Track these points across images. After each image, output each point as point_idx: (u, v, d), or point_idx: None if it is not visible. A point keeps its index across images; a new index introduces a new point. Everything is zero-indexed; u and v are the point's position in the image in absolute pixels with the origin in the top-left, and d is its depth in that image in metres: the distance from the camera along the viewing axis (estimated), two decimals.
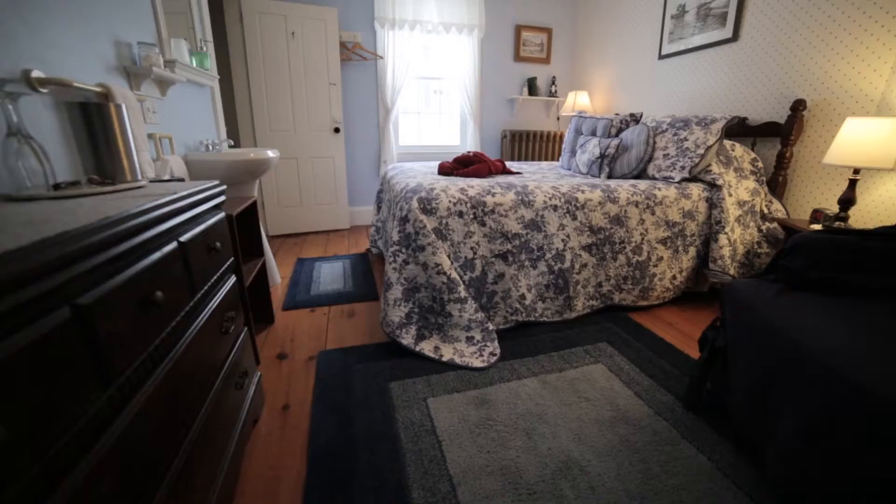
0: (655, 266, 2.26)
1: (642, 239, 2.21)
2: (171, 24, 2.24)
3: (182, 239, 0.98)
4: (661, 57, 3.49)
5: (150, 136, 1.82)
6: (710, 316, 2.30)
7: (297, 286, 2.69)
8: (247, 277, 1.83)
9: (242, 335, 1.39)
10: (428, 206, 1.84)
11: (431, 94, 4.55)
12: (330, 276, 2.88)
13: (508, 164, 3.37)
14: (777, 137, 2.54)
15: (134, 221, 0.80)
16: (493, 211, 1.92)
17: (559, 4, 4.54)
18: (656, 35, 3.53)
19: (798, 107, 2.36)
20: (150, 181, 1.41)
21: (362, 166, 4.37)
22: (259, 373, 1.54)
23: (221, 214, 1.29)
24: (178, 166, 1.93)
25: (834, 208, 2.16)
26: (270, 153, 2.45)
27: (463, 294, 1.84)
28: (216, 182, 1.27)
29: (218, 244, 1.19)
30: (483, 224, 1.91)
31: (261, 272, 2.10)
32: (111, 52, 1.60)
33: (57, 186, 1.05)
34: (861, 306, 1.21)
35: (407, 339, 1.84)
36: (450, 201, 1.87)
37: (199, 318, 1.05)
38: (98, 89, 1.39)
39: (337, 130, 3.97)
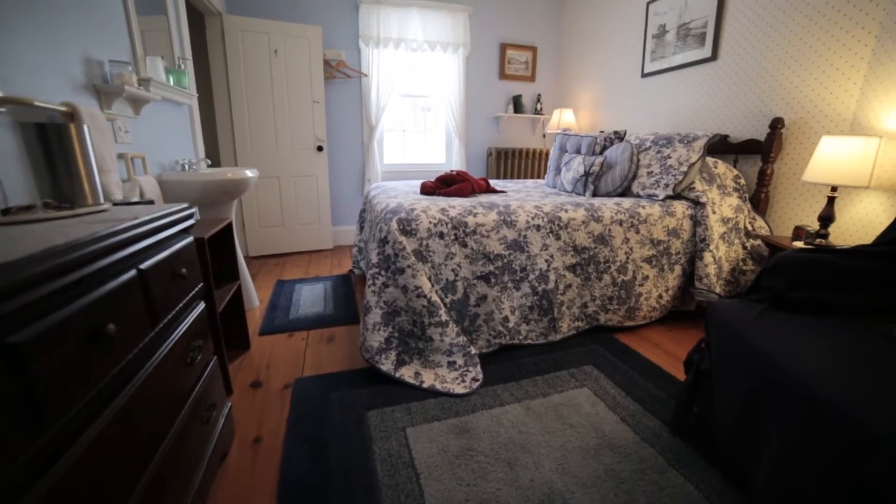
0: (641, 285, 2.24)
1: (627, 258, 2.19)
2: (149, 42, 2.21)
3: (143, 266, 0.93)
4: (643, 75, 3.54)
5: (120, 156, 1.77)
6: (697, 335, 2.28)
7: (276, 309, 2.62)
8: (220, 302, 1.76)
9: (211, 365, 1.32)
10: (408, 228, 1.80)
11: (417, 111, 4.55)
12: (310, 298, 2.81)
13: (493, 182, 3.35)
14: (758, 155, 2.57)
15: (85, 250, 0.75)
16: (474, 232, 1.88)
17: (543, 23, 4.61)
18: (639, 54, 3.59)
19: (776, 125, 2.39)
20: (116, 204, 1.36)
21: (346, 185, 4.33)
22: (230, 403, 1.46)
23: (190, 239, 1.24)
24: (151, 187, 1.87)
25: (815, 225, 2.17)
26: (249, 173, 2.40)
27: (444, 318, 1.79)
28: (184, 205, 1.22)
29: (184, 270, 1.13)
30: (464, 245, 1.87)
31: (236, 296, 2.04)
32: (80, 70, 1.56)
33: (7, 211, 0.99)
34: (844, 327, 1.19)
35: (387, 365, 1.78)
36: (430, 222, 1.83)
37: (161, 350, 0.99)
38: (63, 108, 1.34)
39: (320, 149, 3.94)
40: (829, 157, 1.94)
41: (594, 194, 2.70)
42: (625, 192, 2.64)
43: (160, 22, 2.37)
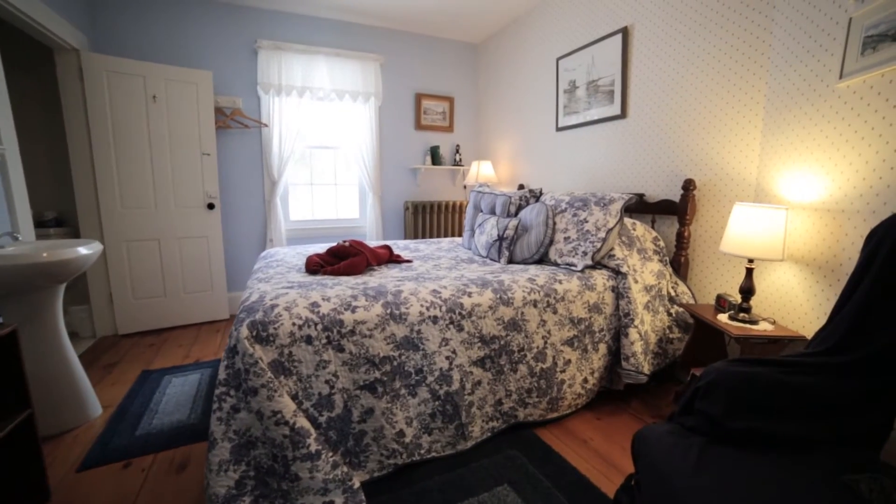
0: (563, 371, 1.95)
1: (545, 343, 1.90)
2: None
3: None
4: (558, 129, 3.45)
5: None
6: (628, 423, 2.01)
7: (123, 420, 2.04)
8: None
9: None
10: (263, 333, 1.38)
11: (326, 164, 4.19)
12: (176, 398, 2.25)
13: (403, 244, 3.02)
14: (674, 215, 2.45)
15: None
16: (353, 332, 1.49)
17: (459, 73, 4.50)
18: (552, 107, 3.50)
19: (689, 186, 2.30)
20: None
21: (246, 246, 3.82)
22: None
23: None
24: None
25: (736, 294, 2.02)
26: (83, 250, 1.90)
27: (314, 448, 1.36)
28: None
29: None
30: (341, 350, 1.47)
31: (25, 430, 1.48)
32: None
33: None
34: (796, 474, 0.92)
35: None
36: (294, 323, 1.42)
37: None
38: None
39: (211, 206, 3.44)
40: (744, 229, 1.82)
41: (510, 260, 2.44)
42: (542, 258, 2.40)
43: None
